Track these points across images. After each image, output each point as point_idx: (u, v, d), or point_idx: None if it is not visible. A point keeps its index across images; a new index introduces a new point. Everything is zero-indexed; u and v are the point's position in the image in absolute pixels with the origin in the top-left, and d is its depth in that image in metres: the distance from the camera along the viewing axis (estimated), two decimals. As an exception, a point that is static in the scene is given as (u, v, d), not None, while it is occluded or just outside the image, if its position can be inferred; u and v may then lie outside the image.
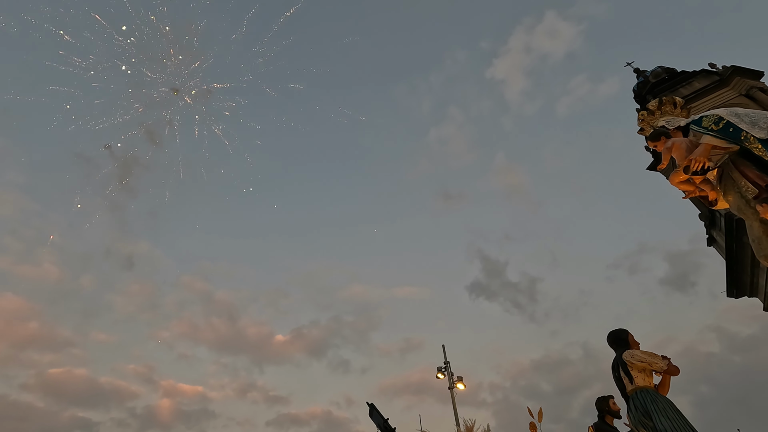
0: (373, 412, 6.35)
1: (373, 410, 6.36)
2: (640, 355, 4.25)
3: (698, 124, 4.68)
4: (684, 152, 4.87)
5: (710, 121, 4.53)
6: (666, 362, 4.19)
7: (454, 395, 16.54)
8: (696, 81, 19.32)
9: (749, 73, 18.20)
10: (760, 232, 4.34)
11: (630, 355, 4.29)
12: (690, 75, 19.85)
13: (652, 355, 4.24)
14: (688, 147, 4.86)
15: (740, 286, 16.85)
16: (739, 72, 18.23)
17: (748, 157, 4.35)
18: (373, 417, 6.35)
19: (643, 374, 4.17)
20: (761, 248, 4.43)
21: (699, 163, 4.47)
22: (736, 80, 18.16)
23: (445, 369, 17.09)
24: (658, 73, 21.34)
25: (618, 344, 4.52)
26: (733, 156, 4.51)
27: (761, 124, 4.15)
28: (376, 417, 6.30)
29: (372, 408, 6.40)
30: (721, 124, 4.42)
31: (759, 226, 4.33)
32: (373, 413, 6.35)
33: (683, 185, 5.02)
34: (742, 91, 17.81)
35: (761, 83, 18.03)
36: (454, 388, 16.58)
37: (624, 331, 4.60)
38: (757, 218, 4.27)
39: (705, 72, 19.47)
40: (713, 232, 17.96)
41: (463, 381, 16.96)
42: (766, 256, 4.40)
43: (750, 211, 4.34)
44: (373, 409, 6.36)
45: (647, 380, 4.17)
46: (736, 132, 4.29)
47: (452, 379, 16.82)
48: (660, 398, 4.04)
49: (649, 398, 4.02)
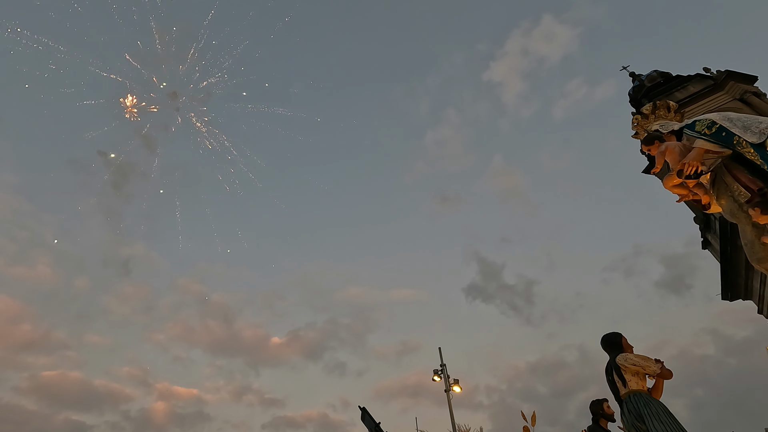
0: (365, 416, 6.31)
1: (365, 414, 6.32)
2: (634, 359, 4.25)
3: (692, 129, 4.70)
4: (677, 156, 4.89)
5: (703, 125, 4.55)
6: (659, 366, 4.19)
7: (450, 398, 16.53)
8: (691, 85, 19.46)
9: (743, 77, 18.36)
10: (753, 236, 4.36)
11: (623, 359, 4.29)
12: (685, 79, 20.00)
13: (645, 359, 4.25)
14: (682, 151, 4.88)
15: (735, 289, 16.94)
16: (733, 76, 18.39)
17: (741, 161, 4.37)
18: (364, 421, 6.30)
19: (636, 378, 4.17)
20: (754, 252, 4.45)
21: (692, 167, 4.48)
22: (730, 85, 18.31)
23: (441, 372, 17.08)
24: (653, 77, 21.50)
25: (611, 348, 4.53)
26: (726, 160, 4.53)
27: (753, 129, 4.17)
28: (368, 421, 6.26)
29: (364, 412, 6.36)
30: (714, 128, 4.44)
31: (751, 230, 4.35)
32: (365, 417, 6.31)
33: (677, 189, 5.04)
34: (736, 96, 17.96)
35: (755, 88, 18.18)
36: (450, 391, 16.58)
37: (617, 335, 4.60)
38: (750, 222, 4.29)
39: (699, 76, 19.63)
40: (708, 235, 18.05)
41: (459, 384, 16.96)
42: (758, 259, 4.42)
43: (742, 215, 4.36)
44: (365, 413, 6.32)
45: (640, 384, 4.18)
46: (728, 136, 4.32)
47: (448, 381, 16.82)
48: (653, 402, 4.04)
49: (642, 402, 4.02)
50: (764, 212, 3.95)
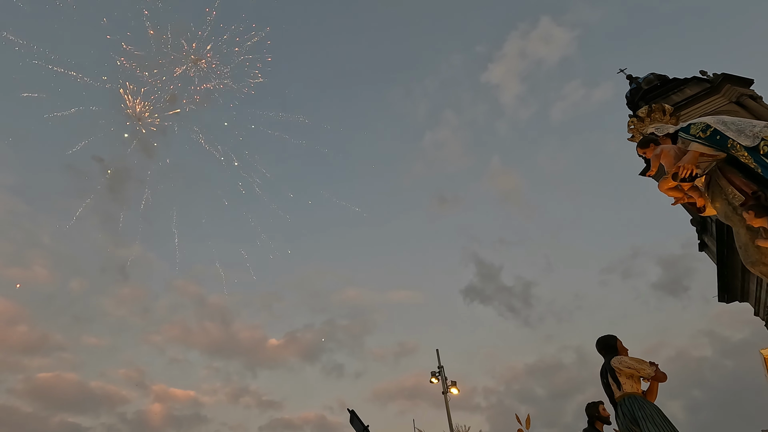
0: (353, 419, 6.31)
1: (353, 417, 6.32)
2: (628, 362, 4.27)
3: (686, 132, 4.72)
4: (672, 159, 4.91)
5: (698, 128, 4.57)
6: (653, 369, 4.21)
7: (447, 400, 16.52)
8: (687, 88, 19.55)
9: (739, 80, 18.45)
10: (747, 239, 4.37)
11: (618, 362, 4.30)
12: (681, 82, 20.09)
13: (639, 362, 4.26)
14: (677, 154, 4.90)
15: (731, 291, 16.99)
16: (729, 79, 18.48)
17: (735, 164, 4.40)
18: (353, 424, 6.30)
19: (631, 381, 4.19)
20: (748, 255, 4.46)
21: (687, 170, 4.50)
22: (726, 87, 18.40)
23: (438, 373, 17.07)
24: (650, 80, 21.59)
25: (606, 350, 4.54)
26: (721, 163, 4.55)
27: (747, 132, 4.19)
28: (357, 424, 6.25)
29: (353, 415, 6.35)
30: (709, 131, 4.46)
31: (746, 233, 4.37)
32: (353, 420, 6.31)
33: (672, 192, 5.06)
34: (733, 99, 18.04)
35: (751, 91, 18.27)
36: (447, 393, 16.57)
37: (612, 338, 4.62)
38: (744, 225, 4.31)
39: (696, 79, 19.72)
40: (705, 237, 18.11)
41: (456, 385, 16.95)
42: (752, 262, 4.43)
43: (737, 218, 4.38)
44: (354, 416, 6.32)
45: (635, 387, 4.19)
46: (723, 140, 4.34)
47: (446, 383, 16.81)
48: (647, 405, 4.06)
49: (637, 405, 4.03)
50: (758, 215, 3.97)
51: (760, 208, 3.99)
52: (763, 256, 4.36)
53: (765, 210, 3.98)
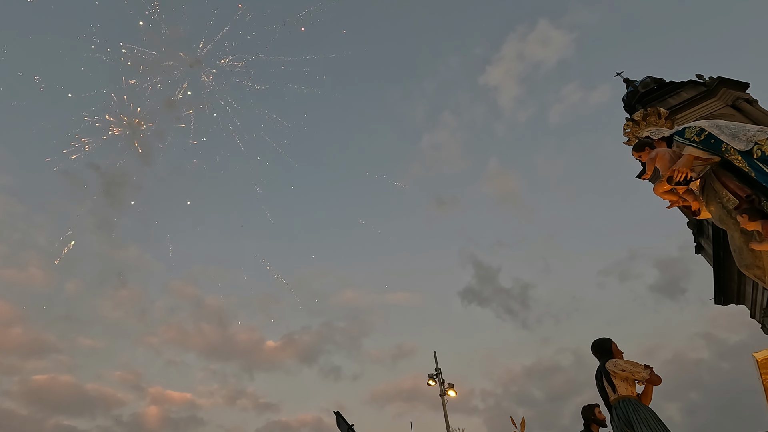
0: (339, 422, 6.33)
1: (339, 419, 6.34)
2: (623, 365, 4.28)
3: (681, 135, 4.75)
4: (667, 163, 4.94)
5: (692, 132, 4.61)
6: (648, 371, 4.22)
7: (445, 402, 16.49)
8: (684, 91, 19.66)
9: (735, 84, 18.55)
10: (741, 242, 4.41)
11: (613, 365, 4.32)
12: (678, 85, 20.20)
13: (634, 365, 4.28)
14: (672, 157, 4.93)
15: (728, 294, 17.05)
16: (725, 83, 18.58)
17: (729, 168, 4.43)
18: (339, 426, 6.31)
19: (625, 383, 4.20)
20: (742, 258, 4.50)
21: (682, 174, 4.54)
22: (722, 91, 18.50)
23: (436, 376, 17.04)
24: (647, 83, 21.70)
25: (602, 353, 4.56)
26: (715, 167, 4.58)
27: (741, 136, 4.22)
28: (342, 425, 6.27)
29: (338, 417, 6.37)
30: (703, 135, 4.49)
31: (740, 236, 4.40)
32: (339, 422, 6.33)
33: (667, 195, 5.09)
34: (729, 102, 18.14)
35: (747, 94, 18.38)
36: (445, 395, 16.54)
37: (608, 341, 4.64)
38: (738, 228, 4.34)
39: (692, 83, 19.83)
40: (701, 240, 18.18)
41: (454, 388, 16.92)
42: (746, 266, 4.47)
43: (731, 222, 4.41)
44: (339, 418, 6.34)
45: (630, 389, 4.20)
46: (717, 143, 4.37)
47: (443, 386, 16.78)
48: (642, 408, 4.07)
49: (632, 408, 4.04)
50: (752, 219, 4.00)
51: (754, 212, 4.01)
52: (758, 259, 4.39)
53: (759, 213, 4.01)
